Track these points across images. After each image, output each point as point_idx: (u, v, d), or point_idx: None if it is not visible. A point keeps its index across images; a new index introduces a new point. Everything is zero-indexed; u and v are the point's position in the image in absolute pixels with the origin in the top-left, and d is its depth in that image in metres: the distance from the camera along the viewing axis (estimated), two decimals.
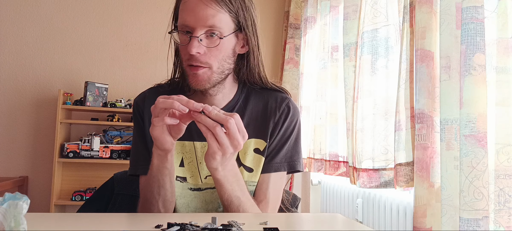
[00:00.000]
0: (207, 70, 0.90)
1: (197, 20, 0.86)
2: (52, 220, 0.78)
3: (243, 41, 0.96)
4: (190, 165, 0.98)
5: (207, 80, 0.91)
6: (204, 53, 0.88)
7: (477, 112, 1.24)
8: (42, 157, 2.92)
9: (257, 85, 1.03)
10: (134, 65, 3.13)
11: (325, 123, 2.46)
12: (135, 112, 1.03)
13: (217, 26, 0.88)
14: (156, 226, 0.69)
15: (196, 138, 0.98)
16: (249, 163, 0.99)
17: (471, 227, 1.23)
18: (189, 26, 0.88)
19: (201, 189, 0.98)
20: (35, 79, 2.95)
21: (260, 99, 1.02)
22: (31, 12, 2.98)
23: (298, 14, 2.96)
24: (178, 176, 0.98)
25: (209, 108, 0.75)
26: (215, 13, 0.87)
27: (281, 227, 0.73)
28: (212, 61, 0.90)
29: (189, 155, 0.99)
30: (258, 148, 0.99)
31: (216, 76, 0.92)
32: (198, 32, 0.87)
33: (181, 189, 0.98)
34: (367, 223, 2.09)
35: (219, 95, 0.98)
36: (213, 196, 0.98)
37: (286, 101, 1.02)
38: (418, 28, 1.54)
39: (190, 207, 0.99)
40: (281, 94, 1.04)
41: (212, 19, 0.87)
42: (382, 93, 1.91)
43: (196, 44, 0.87)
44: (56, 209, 2.73)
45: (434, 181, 1.49)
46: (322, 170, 2.46)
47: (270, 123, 0.99)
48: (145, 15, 3.19)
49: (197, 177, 0.98)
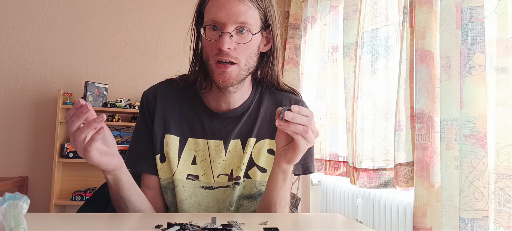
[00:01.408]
0: (235, 67, 0.90)
1: (228, 15, 0.87)
2: (52, 220, 0.78)
3: (266, 40, 0.97)
4: (202, 163, 0.98)
5: (234, 77, 0.91)
6: (234, 48, 0.89)
7: (477, 112, 1.24)
8: (42, 157, 2.92)
9: (271, 85, 1.03)
10: (134, 65, 3.13)
11: (325, 123, 2.46)
12: (143, 107, 1.02)
13: (248, 22, 0.88)
14: (156, 226, 0.69)
15: (210, 137, 0.98)
16: (262, 163, 0.99)
17: (471, 227, 1.23)
18: (220, 22, 0.87)
19: (213, 188, 0.98)
20: (35, 79, 2.95)
21: (273, 100, 1.02)
22: (31, 12, 2.98)
23: (298, 14, 2.96)
24: (189, 174, 0.97)
25: (290, 115, 0.75)
26: (247, 9, 0.88)
27: (281, 227, 0.73)
28: (240, 56, 0.90)
29: (202, 152, 0.98)
30: (271, 148, 0.99)
31: (242, 73, 0.92)
32: (229, 28, 0.87)
33: (192, 188, 0.98)
34: (367, 223, 2.09)
35: (237, 94, 0.97)
36: (225, 195, 0.98)
37: (299, 104, 1.01)
38: (418, 28, 1.54)
39: (202, 206, 0.98)
40: (294, 96, 1.04)
41: (243, 16, 0.87)
42: (382, 93, 1.91)
43: (228, 40, 0.87)
44: (56, 209, 2.73)
45: (434, 181, 1.49)
46: (322, 170, 2.46)
47: None
48: (145, 15, 3.19)
49: (209, 175, 0.98)
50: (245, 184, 0.98)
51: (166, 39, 3.21)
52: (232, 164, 0.98)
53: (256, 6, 0.90)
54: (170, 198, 0.99)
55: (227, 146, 0.98)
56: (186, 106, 0.99)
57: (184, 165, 0.97)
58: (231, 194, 0.96)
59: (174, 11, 3.24)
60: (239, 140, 0.98)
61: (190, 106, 1.00)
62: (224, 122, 0.98)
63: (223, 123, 0.98)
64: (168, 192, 0.99)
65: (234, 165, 0.98)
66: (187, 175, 0.97)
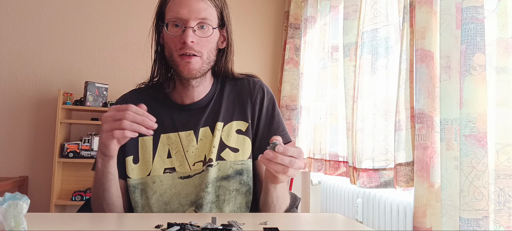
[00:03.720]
0: (199, 59, 0.98)
1: (190, 12, 0.95)
2: (52, 220, 0.78)
3: (223, 37, 1.05)
4: (177, 155, 1.04)
5: (198, 69, 0.98)
6: (197, 42, 0.96)
7: (477, 112, 1.24)
8: (42, 157, 2.92)
9: (229, 78, 1.11)
10: (134, 65, 3.13)
11: (325, 123, 2.46)
12: None
13: (208, 18, 0.97)
14: (156, 226, 0.69)
15: (180, 129, 1.04)
16: (233, 143, 1.05)
17: (471, 227, 1.23)
18: (182, 18, 0.95)
19: (190, 176, 1.03)
20: (35, 79, 2.95)
21: (233, 86, 1.11)
22: (31, 12, 2.98)
23: (298, 14, 2.96)
24: (166, 168, 1.03)
25: (270, 154, 0.79)
26: (206, 6, 0.97)
27: (281, 227, 0.73)
28: (203, 50, 0.98)
29: (175, 145, 1.04)
30: (240, 129, 1.06)
31: (204, 66, 1.00)
32: (192, 23, 0.95)
33: (171, 180, 1.03)
34: (367, 223, 2.09)
35: (200, 88, 1.05)
36: (201, 179, 1.02)
37: (258, 84, 1.12)
38: (418, 28, 1.54)
39: (181, 195, 1.03)
40: (252, 78, 1.13)
41: (204, 12, 0.96)
42: (382, 93, 1.91)
43: (191, 34, 0.95)
44: (56, 209, 2.73)
45: (434, 181, 1.49)
46: (322, 170, 2.46)
47: (247, 105, 1.08)
48: (145, 15, 3.19)
49: (185, 165, 1.03)
50: (219, 166, 1.03)
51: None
52: (204, 150, 1.04)
53: (213, 4, 0.99)
54: (137, 198, 1.03)
55: (198, 134, 1.04)
56: (154, 105, 1.05)
57: (160, 161, 1.03)
58: (206, 176, 1.01)
59: None
60: (207, 127, 1.05)
61: (158, 104, 1.06)
62: (192, 113, 1.06)
63: (191, 114, 1.06)
64: (136, 191, 1.03)
65: (207, 150, 1.03)
66: (164, 169, 1.03)
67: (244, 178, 1.04)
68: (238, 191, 1.03)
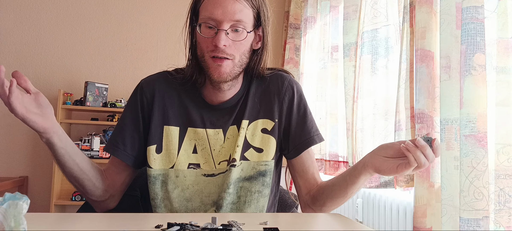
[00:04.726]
0: (230, 63, 0.93)
1: (224, 13, 0.90)
2: (52, 220, 0.78)
3: (258, 37, 1.00)
4: (203, 152, 1.00)
5: (229, 73, 0.94)
6: (229, 46, 0.92)
7: (477, 113, 1.24)
8: (42, 157, 2.92)
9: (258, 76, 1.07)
10: (134, 65, 3.13)
11: (325, 123, 2.46)
12: (136, 97, 1.04)
13: (243, 20, 0.92)
14: (156, 226, 0.69)
15: (209, 126, 1.01)
16: (258, 143, 1.02)
17: (471, 227, 1.23)
18: (216, 19, 0.90)
19: (214, 175, 1.00)
20: (35, 79, 2.95)
21: (260, 84, 1.06)
22: (31, 12, 2.98)
23: (298, 14, 2.96)
24: (191, 163, 1.00)
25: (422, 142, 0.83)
26: (242, 8, 0.91)
27: (281, 227, 0.73)
28: (235, 53, 0.93)
29: (202, 141, 1.01)
30: (265, 127, 1.02)
31: (236, 69, 0.95)
32: (225, 26, 0.90)
33: (194, 176, 1.00)
34: (367, 223, 2.09)
35: (232, 90, 1.01)
36: (224, 179, 1.00)
37: (287, 80, 1.06)
38: (418, 28, 1.54)
39: (204, 193, 1.00)
40: (281, 74, 1.08)
41: (239, 14, 0.91)
42: (382, 93, 1.91)
43: (223, 37, 0.90)
44: (56, 209, 2.73)
45: (434, 181, 1.49)
46: (322, 170, 2.46)
47: (275, 103, 1.04)
48: (145, 15, 3.19)
49: (211, 163, 1.00)
50: (242, 166, 1.00)
51: (166, 39, 3.21)
52: (230, 150, 1.00)
53: (250, 4, 0.93)
54: (157, 189, 1.00)
55: (226, 134, 1.01)
56: (184, 98, 1.02)
57: (185, 155, 0.99)
58: (228, 176, 0.98)
59: (174, 11, 3.24)
60: (235, 125, 1.02)
61: (188, 98, 1.02)
62: (221, 112, 1.02)
63: (221, 113, 1.02)
64: (157, 182, 1.00)
65: (232, 149, 1.00)
66: (189, 164, 0.99)
67: (267, 180, 1.01)
68: (260, 193, 1.00)
